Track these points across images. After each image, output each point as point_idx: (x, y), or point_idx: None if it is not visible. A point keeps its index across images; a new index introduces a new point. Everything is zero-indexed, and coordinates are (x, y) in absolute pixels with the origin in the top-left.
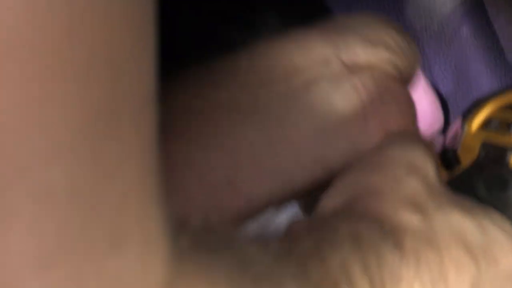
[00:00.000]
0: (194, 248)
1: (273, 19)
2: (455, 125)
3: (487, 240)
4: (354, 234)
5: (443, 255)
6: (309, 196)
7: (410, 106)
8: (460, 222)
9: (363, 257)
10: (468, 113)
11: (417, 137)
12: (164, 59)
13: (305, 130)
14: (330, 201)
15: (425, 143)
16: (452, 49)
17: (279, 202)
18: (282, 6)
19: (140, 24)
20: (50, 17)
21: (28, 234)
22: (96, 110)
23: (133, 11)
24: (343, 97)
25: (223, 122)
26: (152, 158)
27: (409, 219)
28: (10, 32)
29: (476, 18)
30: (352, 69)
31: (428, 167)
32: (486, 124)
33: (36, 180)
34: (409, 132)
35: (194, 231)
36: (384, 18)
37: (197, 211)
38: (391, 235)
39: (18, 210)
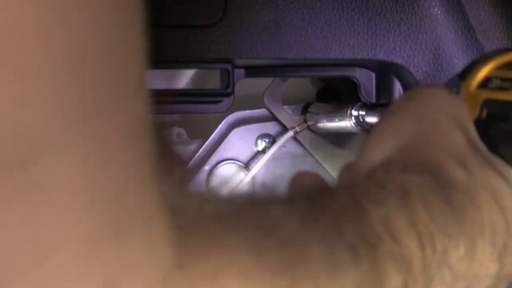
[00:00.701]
0: (205, 219)
1: None
2: None
3: None
4: (403, 187)
5: (483, 215)
6: None
7: None
8: (497, 183)
9: (412, 211)
10: (464, 75)
11: (456, 95)
12: None
13: None
14: (380, 150)
15: (464, 102)
16: (423, 30)
17: None
18: None
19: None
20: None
21: (22, 225)
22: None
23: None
24: None
25: None
26: (148, 140)
27: (458, 173)
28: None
29: None
30: None
31: (470, 123)
32: (484, 83)
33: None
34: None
35: (204, 202)
36: None
37: None
38: (443, 188)
39: (12, 204)
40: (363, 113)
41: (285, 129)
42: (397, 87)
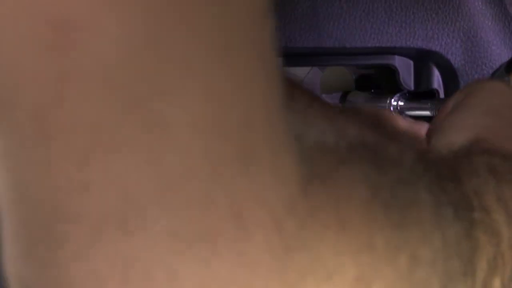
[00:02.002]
0: (325, 149)
1: None
2: None
3: None
4: (489, 165)
5: None
6: None
7: None
8: None
9: (499, 188)
10: (510, 67)
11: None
12: None
13: None
14: (457, 137)
15: None
16: (460, 17)
17: None
18: None
19: None
20: None
21: (145, 162)
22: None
23: None
24: None
25: None
26: (275, 76)
27: None
28: None
29: None
30: None
31: None
32: None
33: (151, 112)
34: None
35: (324, 131)
36: None
37: None
38: None
39: (133, 142)
40: (402, 103)
41: None
42: (436, 74)
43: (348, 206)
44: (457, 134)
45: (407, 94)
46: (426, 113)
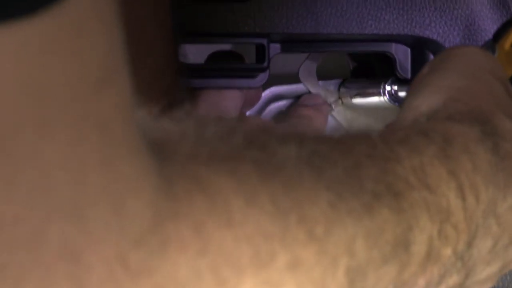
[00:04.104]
0: (196, 158)
1: None
2: None
3: None
4: (446, 135)
5: None
6: None
7: None
8: None
9: (454, 160)
10: (497, 36)
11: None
12: None
13: None
14: (424, 102)
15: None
16: (458, 5)
17: None
18: None
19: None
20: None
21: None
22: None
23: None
24: None
25: None
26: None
27: (505, 123)
28: None
29: None
30: None
31: (507, 80)
32: None
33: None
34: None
35: (200, 137)
36: None
37: None
38: (490, 137)
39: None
40: (396, 87)
41: None
42: None
43: (214, 223)
44: (429, 96)
45: (401, 79)
46: None
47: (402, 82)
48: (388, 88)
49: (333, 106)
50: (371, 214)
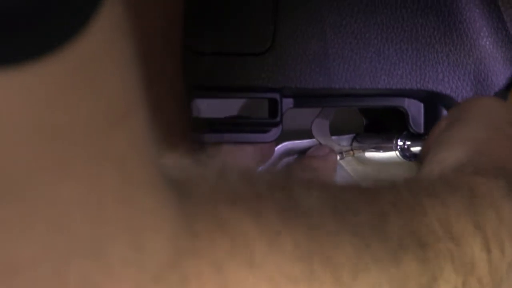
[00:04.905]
0: (216, 199)
1: None
2: None
3: None
4: (473, 188)
5: None
6: None
7: None
8: None
9: (480, 213)
10: (509, 85)
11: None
12: None
13: None
14: (450, 155)
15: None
16: (471, 60)
17: None
18: None
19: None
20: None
21: None
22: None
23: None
24: None
25: None
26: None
27: None
28: None
29: (494, 26)
30: None
31: None
32: None
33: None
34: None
35: (220, 177)
36: None
37: None
38: None
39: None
40: (409, 143)
41: None
42: None
43: (235, 263)
44: (454, 149)
45: (413, 134)
46: None
47: (414, 137)
48: (400, 143)
49: (344, 155)
50: (396, 263)
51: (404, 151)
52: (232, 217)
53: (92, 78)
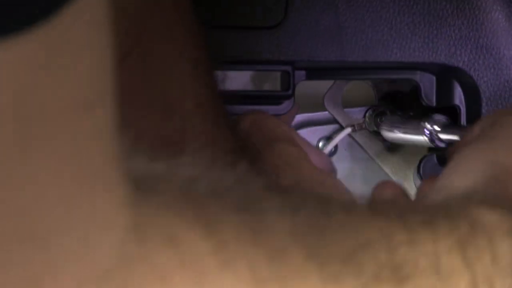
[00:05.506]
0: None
1: None
2: None
3: None
4: (474, 223)
5: None
6: None
7: None
8: None
9: (474, 249)
10: None
11: None
12: None
13: None
14: (460, 179)
15: None
16: (484, 34)
17: None
18: None
19: None
20: None
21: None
22: None
23: None
24: None
25: None
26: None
27: None
28: None
29: (506, 1)
30: None
31: None
32: None
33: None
34: None
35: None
36: None
37: None
38: None
39: None
40: (439, 129)
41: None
42: (458, 91)
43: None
44: (471, 173)
45: (442, 120)
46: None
47: (444, 125)
48: (429, 128)
49: (356, 128)
50: None
51: (432, 137)
52: (186, 231)
53: (65, 61)
